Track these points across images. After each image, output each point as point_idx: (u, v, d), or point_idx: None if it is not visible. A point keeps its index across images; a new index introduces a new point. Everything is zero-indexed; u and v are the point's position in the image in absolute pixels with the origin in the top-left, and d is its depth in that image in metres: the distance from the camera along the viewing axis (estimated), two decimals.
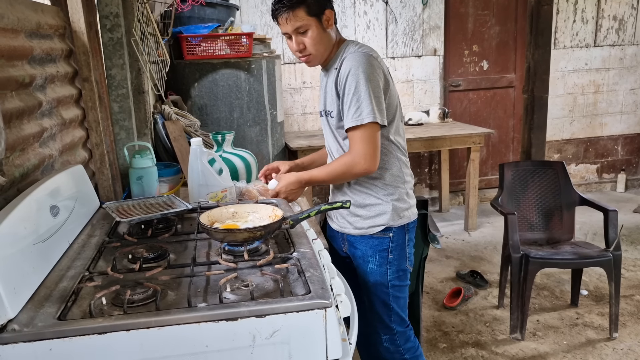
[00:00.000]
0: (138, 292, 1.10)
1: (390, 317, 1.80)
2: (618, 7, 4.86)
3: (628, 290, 3.17)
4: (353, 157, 1.63)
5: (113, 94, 2.19)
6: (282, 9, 1.60)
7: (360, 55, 1.61)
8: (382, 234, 1.75)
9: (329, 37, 1.67)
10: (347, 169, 1.65)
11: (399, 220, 1.75)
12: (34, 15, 1.53)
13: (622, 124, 5.20)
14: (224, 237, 1.32)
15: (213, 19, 3.20)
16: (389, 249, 1.76)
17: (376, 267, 1.77)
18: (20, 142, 1.35)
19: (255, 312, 1.03)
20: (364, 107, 1.58)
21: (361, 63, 1.59)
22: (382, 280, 1.77)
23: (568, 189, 2.97)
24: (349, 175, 1.69)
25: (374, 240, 1.76)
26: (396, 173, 1.75)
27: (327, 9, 1.64)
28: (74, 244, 1.39)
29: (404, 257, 1.79)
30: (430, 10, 4.55)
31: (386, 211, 1.73)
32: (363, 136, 1.61)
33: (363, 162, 1.62)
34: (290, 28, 1.63)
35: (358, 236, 1.78)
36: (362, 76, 1.58)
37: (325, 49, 1.68)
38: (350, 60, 1.61)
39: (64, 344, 0.97)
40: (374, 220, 1.74)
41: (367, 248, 1.77)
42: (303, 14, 1.60)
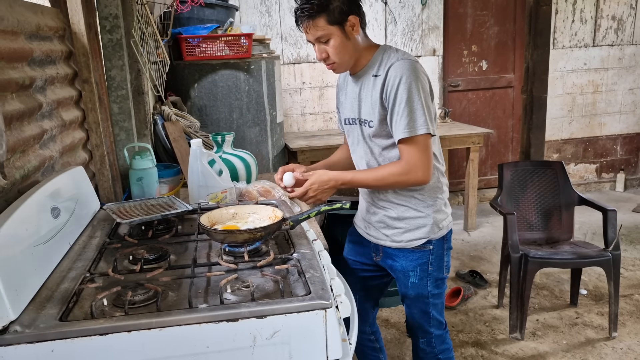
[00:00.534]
0: (139, 293, 1.11)
1: (430, 323, 1.79)
2: (617, 7, 4.87)
3: (627, 290, 3.17)
4: (407, 168, 1.56)
5: (113, 95, 2.19)
6: (303, 17, 1.54)
7: (408, 63, 1.54)
8: (423, 247, 1.69)
9: (354, 44, 1.58)
10: (399, 178, 1.58)
11: (438, 232, 1.70)
12: (34, 17, 1.53)
13: (621, 124, 5.20)
14: (224, 238, 1.33)
15: (212, 20, 3.20)
16: (429, 261, 1.71)
17: (417, 280, 1.73)
18: (20, 143, 1.35)
19: (255, 313, 1.03)
20: (417, 117, 1.52)
21: (412, 71, 1.52)
22: (423, 292, 1.74)
23: (567, 189, 2.97)
24: (399, 185, 1.62)
25: (414, 253, 1.70)
26: (435, 184, 1.69)
27: (351, 15, 1.53)
28: (75, 246, 1.39)
29: (442, 266, 1.75)
30: (429, 10, 4.55)
31: (426, 224, 1.68)
32: (418, 147, 1.54)
33: (420, 173, 1.56)
34: (311, 37, 1.57)
35: (397, 249, 1.73)
36: (414, 85, 1.52)
37: (350, 57, 1.60)
38: (399, 68, 1.53)
39: (66, 345, 0.97)
40: (414, 233, 1.69)
41: (407, 262, 1.72)
42: (324, 23, 1.52)
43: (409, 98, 1.51)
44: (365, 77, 1.63)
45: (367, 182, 1.64)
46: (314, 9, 1.50)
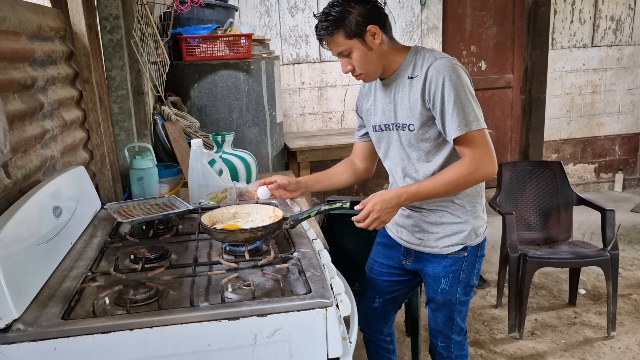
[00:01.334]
0: (141, 292, 1.11)
1: (452, 329, 1.76)
2: (615, 8, 4.88)
3: (625, 290, 3.19)
4: (474, 165, 1.49)
5: (113, 95, 2.20)
6: (322, 34, 1.51)
7: (447, 61, 1.50)
8: (457, 254, 1.65)
9: (379, 52, 1.53)
10: (469, 177, 1.50)
11: (475, 239, 1.65)
12: (35, 18, 1.54)
13: (620, 124, 5.22)
14: (225, 238, 1.33)
15: (212, 20, 3.21)
16: (462, 268, 1.67)
17: (447, 287, 1.69)
18: (22, 143, 1.36)
19: (256, 312, 1.04)
20: (468, 113, 1.47)
21: (453, 69, 1.48)
22: (451, 299, 1.70)
23: (566, 189, 2.98)
24: (470, 184, 1.55)
25: (447, 260, 1.66)
26: (474, 188, 1.64)
27: (370, 25, 1.49)
28: (77, 245, 1.40)
29: (473, 273, 1.70)
30: (428, 11, 4.56)
31: (464, 230, 1.63)
32: (478, 141, 1.48)
33: (489, 166, 1.49)
34: (334, 52, 1.55)
35: (430, 254, 1.69)
36: (460, 82, 1.48)
37: (375, 66, 1.55)
38: (439, 67, 1.49)
39: (68, 344, 0.98)
40: (450, 239, 1.64)
41: (440, 268, 1.68)
42: (342, 39, 1.49)
43: (457, 96, 1.47)
44: (399, 80, 1.58)
45: (435, 190, 1.53)
46: (331, 25, 1.48)
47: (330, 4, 1.50)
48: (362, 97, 1.77)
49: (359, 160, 1.87)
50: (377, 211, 1.49)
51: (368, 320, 1.94)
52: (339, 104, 4.60)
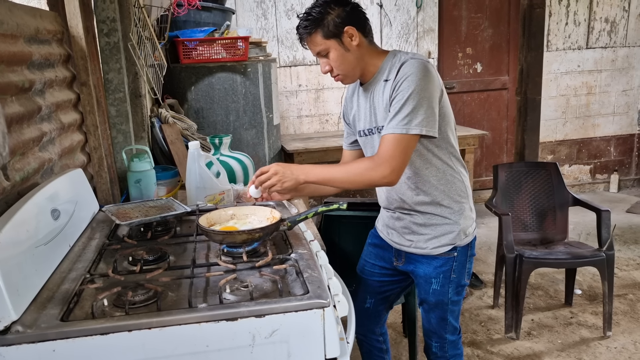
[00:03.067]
0: (139, 294, 1.12)
1: (445, 329, 1.77)
2: (610, 10, 4.92)
3: (621, 290, 3.20)
4: (377, 161, 1.49)
5: (110, 98, 2.20)
6: (302, 34, 1.56)
7: (417, 62, 1.51)
8: (447, 254, 1.66)
9: (356, 54, 1.56)
10: (366, 173, 1.50)
11: (464, 239, 1.67)
12: (33, 21, 1.54)
13: (615, 125, 5.25)
14: (223, 239, 1.34)
15: (209, 23, 3.21)
16: (452, 268, 1.68)
17: (439, 287, 1.70)
18: (20, 146, 1.36)
19: (254, 312, 1.05)
20: (415, 115, 1.47)
21: (420, 70, 1.49)
22: (443, 299, 1.72)
23: (561, 190, 3.00)
24: (365, 180, 1.52)
25: (437, 260, 1.68)
26: (460, 187, 1.66)
27: (348, 27, 1.52)
28: (75, 247, 1.41)
29: (464, 273, 1.72)
30: (424, 13, 4.58)
31: (453, 230, 1.65)
32: (401, 146, 1.48)
33: (388, 171, 1.47)
34: (313, 52, 1.58)
35: (420, 255, 1.70)
36: (420, 83, 1.47)
37: (353, 67, 1.58)
38: (408, 66, 1.50)
39: (67, 345, 0.98)
40: (439, 240, 1.66)
41: (430, 269, 1.69)
42: (320, 38, 1.53)
43: (412, 94, 1.47)
44: (377, 84, 1.60)
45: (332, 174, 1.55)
46: (310, 25, 1.52)
47: (311, 5, 1.55)
48: (347, 105, 1.80)
49: None
50: (281, 174, 1.52)
51: (360, 320, 1.95)
52: (336, 106, 4.61)
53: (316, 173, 1.55)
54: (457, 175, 1.66)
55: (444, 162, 1.63)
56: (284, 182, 1.52)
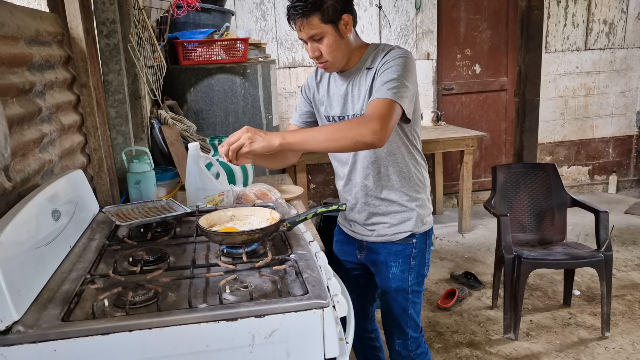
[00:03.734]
0: (139, 294, 1.12)
1: (407, 322, 1.79)
2: (608, 11, 4.93)
3: (619, 290, 3.21)
4: (367, 117, 1.43)
5: (110, 99, 2.21)
6: (296, 15, 1.52)
7: (406, 51, 1.57)
8: (406, 240, 1.72)
9: (347, 42, 1.58)
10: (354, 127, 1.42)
11: (422, 227, 1.73)
12: (33, 23, 1.55)
13: (613, 126, 5.26)
14: (223, 240, 1.35)
15: (208, 25, 3.22)
16: (412, 254, 1.73)
17: (398, 272, 1.74)
18: (21, 147, 1.37)
19: (254, 312, 1.05)
20: (403, 91, 1.48)
21: (407, 57, 1.54)
22: (404, 286, 1.75)
23: (559, 191, 3.01)
24: (350, 136, 1.41)
25: (397, 246, 1.73)
26: (419, 178, 1.72)
27: (345, 14, 1.53)
28: (75, 248, 1.41)
29: (424, 262, 1.77)
30: (423, 14, 4.60)
31: (411, 218, 1.71)
32: (391, 109, 1.44)
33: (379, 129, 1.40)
34: (304, 35, 1.55)
35: (380, 243, 1.75)
36: (407, 67, 1.52)
37: (343, 56, 1.59)
38: (396, 52, 1.56)
39: (68, 345, 0.99)
40: (399, 227, 1.72)
41: (390, 254, 1.74)
42: (317, 22, 1.51)
43: (401, 74, 1.50)
44: (357, 72, 1.63)
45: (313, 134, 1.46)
46: (308, 7, 1.49)
47: None
48: (313, 83, 1.79)
49: None
50: (252, 133, 1.41)
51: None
52: None
53: (294, 134, 1.45)
54: (417, 166, 1.72)
55: (409, 152, 1.69)
56: (252, 141, 1.40)
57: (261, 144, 1.41)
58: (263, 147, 1.41)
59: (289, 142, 1.42)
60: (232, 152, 1.44)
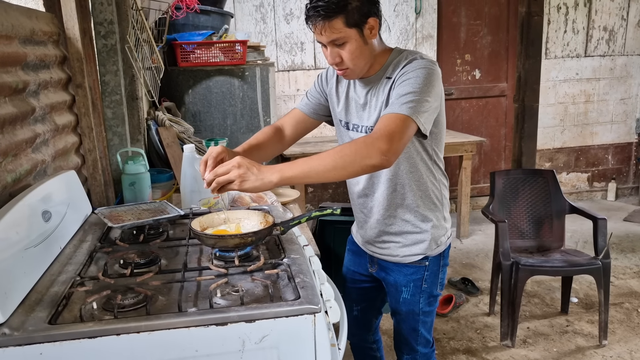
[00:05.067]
0: (129, 297, 1.11)
1: (417, 340, 1.73)
2: (608, 18, 4.93)
3: (617, 298, 3.19)
4: (377, 136, 1.30)
5: (106, 100, 2.20)
6: (317, 17, 1.36)
7: (429, 62, 1.44)
8: (418, 263, 1.63)
9: (372, 48, 1.46)
10: (360, 149, 1.28)
11: (436, 249, 1.63)
12: (28, 22, 1.54)
13: (613, 134, 5.25)
14: (215, 243, 1.33)
15: (207, 27, 3.22)
16: (424, 277, 1.64)
17: (409, 296, 1.67)
18: (13, 147, 1.35)
19: (245, 317, 1.04)
20: (420, 106, 1.36)
21: (431, 68, 1.42)
22: (414, 309, 1.68)
23: (558, 197, 3.00)
24: (356, 159, 1.28)
25: (408, 268, 1.64)
26: (437, 197, 1.62)
27: (371, 17, 1.40)
28: (66, 249, 1.40)
29: (437, 283, 1.68)
30: (423, 19, 4.59)
31: (424, 240, 1.61)
32: (404, 126, 1.32)
33: (387, 149, 1.27)
34: (325, 39, 1.41)
35: (391, 263, 1.67)
36: (428, 79, 1.40)
37: (366, 63, 1.46)
38: (419, 62, 1.43)
39: (55, 348, 0.97)
40: (410, 249, 1.62)
41: (401, 277, 1.66)
42: (341, 25, 1.37)
43: (419, 87, 1.37)
44: (378, 81, 1.52)
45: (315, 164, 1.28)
46: (331, 8, 1.34)
47: None
48: (333, 79, 1.66)
49: (290, 130, 1.71)
50: (244, 170, 1.24)
51: (352, 329, 1.93)
52: None
53: (293, 168, 1.28)
54: (437, 184, 1.62)
55: (428, 169, 1.59)
56: (244, 180, 1.24)
57: (254, 184, 1.25)
58: (256, 187, 1.25)
59: (288, 177, 1.27)
60: (216, 184, 1.26)
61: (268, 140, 1.64)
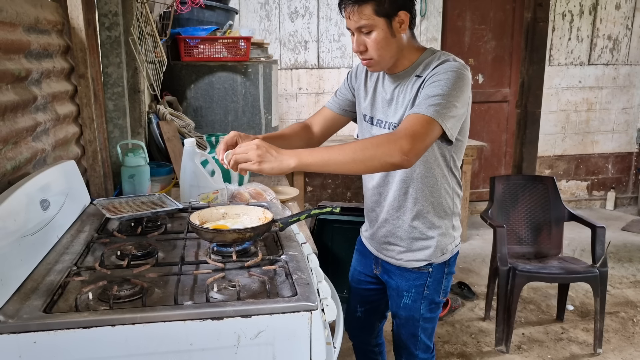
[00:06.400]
0: (125, 288, 1.10)
1: (416, 346, 1.71)
2: (613, 27, 4.93)
3: (613, 307, 3.19)
4: (400, 135, 1.29)
5: (108, 92, 2.19)
6: (348, 1, 1.38)
7: (461, 66, 1.42)
8: (421, 269, 1.61)
9: (399, 42, 1.45)
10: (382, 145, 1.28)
11: (441, 257, 1.61)
12: (33, 10, 1.54)
13: (614, 143, 5.25)
14: (213, 237, 1.33)
15: (212, 22, 3.21)
16: (426, 284, 1.62)
17: (410, 302, 1.65)
18: (13, 135, 1.35)
19: (241, 312, 1.03)
20: (448, 110, 1.35)
21: (462, 72, 1.40)
22: (415, 315, 1.66)
23: (557, 204, 2.99)
24: (377, 155, 1.28)
25: (411, 274, 1.62)
26: (448, 205, 1.59)
27: (402, 11, 1.40)
28: (63, 239, 1.39)
29: (439, 290, 1.65)
30: (427, 22, 4.59)
31: (429, 246, 1.59)
32: (428, 128, 1.31)
33: (409, 149, 1.27)
34: (353, 24, 1.41)
35: (395, 266, 1.66)
36: (458, 84, 1.38)
37: (391, 56, 1.46)
38: (451, 64, 1.41)
39: (49, 337, 0.97)
40: (415, 254, 1.60)
41: (403, 281, 1.64)
42: (370, 12, 1.37)
43: (448, 90, 1.36)
44: (407, 78, 1.50)
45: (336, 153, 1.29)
46: None
47: None
48: (363, 74, 1.66)
49: (319, 127, 1.75)
50: (263, 151, 1.25)
51: (354, 330, 1.93)
52: None
53: (311, 154, 1.28)
54: (450, 191, 1.60)
55: (444, 175, 1.57)
56: (262, 161, 1.24)
57: (271, 164, 1.25)
58: (273, 168, 1.25)
59: (306, 164, 1.27)
60: (234, 161, 1.27)
61: (294, 135, 1.66)
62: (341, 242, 2.28)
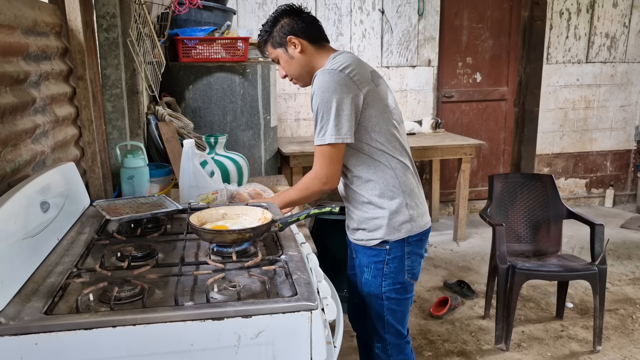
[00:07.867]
0: (125, 290, 1.11)
1: (385, 328, 1.77)
2: (610, 25, 4.94)
3: (613, 305, 3.20)
4: (312, 175, 1.69)
5: (107, 93, 2.19)
6: (260, 45, 1.79)
7: (324, 74, 1.61)
8: (379, 246, 1.71)
9: (301, 61, 1.71)
10: (309, 185, 1.70)
11: (396, 234, 1.69)
12: (31, 13, 1.54)
13: (612, 140, 5.26)
14: (213, 238, 1.33)
15: (210, 23, 3.21)
16: (385, 261, 1.72)
17: (370, 278, 1.74)
18: (12, 137, 1.35)
19: (241, 312, 1.04)
20: (325, 127, 1.60)
21: (323, 82, 1.59)
22: (377, 292, 1.74)
23: (556, 202, 3.00)
24: (312, 192, 1.71)
25: (371, 251, 1.73)
26: (391, 183, 1.68)
27: (290, 36, 1.68)
28: (63, 241, 1.39)
29: (402, 270, 1.73)
30: (425, 21, 4.59)
31: (382, 225, 1.69)
32: (325, 156, 1.63)
33: (321, 182, 1.66)
34: (271, 59, 1.80)
35: (360, 246, 1.77)
36: (324, 96, 1.58)
37: (299, 72, 1.74)
38: (315, 81, 1.63)
39: (50, 339, 0.97)
40: (372, 233, 1.71)
41: (364, 258, 1.76)
42: (270, 49, 1.75)
43: (319, 108, 1.60)
44: None
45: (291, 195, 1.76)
46: (263, 38, 1.74)
47: (268, 17, 1.74)
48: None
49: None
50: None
51: (355, 319, 1.98)
52: None
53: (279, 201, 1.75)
54: (389, 171, 1.68)
55: (375, 159, 1.68)
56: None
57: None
58: None
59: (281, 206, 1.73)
60: None
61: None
62: (340, 242, 2.28)
